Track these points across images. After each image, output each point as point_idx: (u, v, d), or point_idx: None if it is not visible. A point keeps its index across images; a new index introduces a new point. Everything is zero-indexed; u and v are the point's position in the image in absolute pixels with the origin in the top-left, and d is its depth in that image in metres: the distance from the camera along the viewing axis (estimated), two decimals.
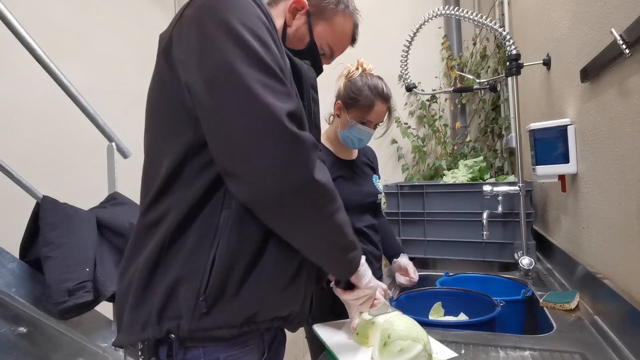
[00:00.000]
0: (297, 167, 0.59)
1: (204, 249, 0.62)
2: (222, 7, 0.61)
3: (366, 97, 1.25)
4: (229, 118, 0.58)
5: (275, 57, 0.62)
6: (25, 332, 1.17)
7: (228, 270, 0.62)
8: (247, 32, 0.60)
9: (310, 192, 0.61)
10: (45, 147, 1.96)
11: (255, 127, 0.57)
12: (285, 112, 0.58)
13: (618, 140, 0.86)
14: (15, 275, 1.18)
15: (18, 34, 1.19)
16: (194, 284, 0.61)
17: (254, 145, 0.57)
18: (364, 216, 1.36)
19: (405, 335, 0.73)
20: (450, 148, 2.41)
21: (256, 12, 0.63)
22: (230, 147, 0.59)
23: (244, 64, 0.58)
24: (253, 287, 0.63)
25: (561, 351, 0.82)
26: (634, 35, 0.72)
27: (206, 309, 0.60)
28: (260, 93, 0.57)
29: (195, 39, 0.61)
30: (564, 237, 1.34)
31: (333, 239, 0.69)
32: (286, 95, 0.60)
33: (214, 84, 0.59)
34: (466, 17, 1.47)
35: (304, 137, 0.59)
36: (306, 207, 0.62)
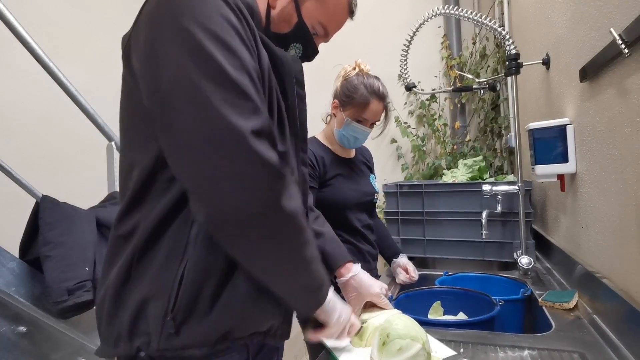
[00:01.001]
0: (260, 191, 0.53)
1: (172, 266, 0.59)
2: (181, 6, 0.55)
3: (362, 95, 1.25)
4: (187, 137, 0.53)
5: (243, 63, 0.56)
6: (25, 331, 1.17)
7: (197, 288, 0.58)
8: (208, 37, 0.53)
9: (273, 221, 0.56)
10: (45, 147, 1.96)
11: (215, 147, 0.52)
12: (249, 130, 0.53)
13: (617, 140, 0.86)
14: (15, 274, 1.18)
15: (18, 34, 1.19)
16: (162, 302, 0.58)
17: (215, 166, 0.52)
18: (362, 215, 1.37)
19: (404, 334, 0.74)
20: (450, 147, 2.41)
21: (221, 9, 0.56)
22: (190, 167, 0.54)
23: (202, 78, 0.52)
24: (226, 304, 0.60)
25: (560, 350, 0.82)
26: (633, 35, 0.72)
27: (174, 328, 0.57)
28: (221, 110, 0.52)
29: (150, 46, 0.56)
30: (563, 237, 1.34)
31: (295, 275, 0.63)
32: (251, 111, 0.54)
33: (169, 100, 0.54)
34: (466, 17, 1.47)
35: (270, 159, 0.54)
36: (267, 236, 0.57)
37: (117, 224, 0.64)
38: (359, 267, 0.98)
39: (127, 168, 0.65)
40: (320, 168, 1.29)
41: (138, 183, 0.61)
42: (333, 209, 1.30)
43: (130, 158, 0.64)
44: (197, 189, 0.55)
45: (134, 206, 0.63)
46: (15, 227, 1.30)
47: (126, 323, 0.59)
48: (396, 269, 1.40)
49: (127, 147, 0.66)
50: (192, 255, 0.59)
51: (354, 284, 0.95)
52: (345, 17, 0.80)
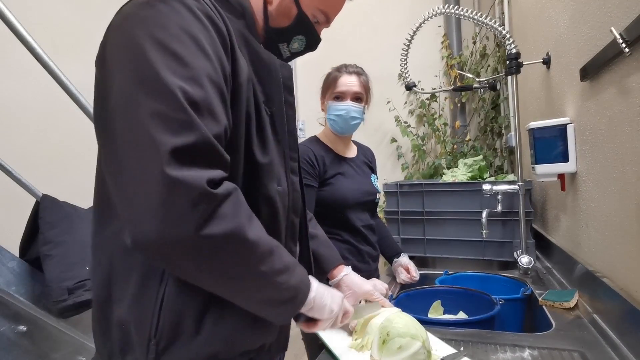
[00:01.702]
0: (176, 219, 0.47)
1: (151, 288, 0.56)
2: (137, 20, 0.53)
3: (331, 74, 1.32)
4: (117, 152, 0.51)
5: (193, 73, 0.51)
6: (25, 331, 1.17)
7: (180, 312, 0.56)
8: (155, 48, 0.51)
9: (201, 247, 0.50)
10: (45, 146, 1.96)
11: (137, 165, 0.49)
12: (170, 147, 0.47)
13: (617, 139, 0.86)
14: (15, 273, 1.18)
15: (17, 33, 1.19)
16: (144, 326, 0.56)
17: (135, 186, 0.49)
18: (362, 215, 1.36)
19: (404, 333, 0.74)
20: (450, 147, 2.41)
21: (181, 20, 0.53)
22: (117, 184, 0.52)
23: (139, 88, 0.50)
24: (212, 327, 0.58)
25: (560, 349, 0.82)
26: (633, 34, 0.71)
27: (156, 354, 0.56)
28: (147, 123, 0.48)
29: (107, 55, 0.55)
30: (563, 236, 1.35)
31: (257, 291, 0.58)
32: (182, 125, 0.48)
33: (111, 110, 0.53)
34: (466, 16, 1.47)
35: (188, 182, 0.47)
36: (200, 262, 0.52)
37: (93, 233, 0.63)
38: (350, 268, 1.00)
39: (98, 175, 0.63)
40: (320, 167, 1.29)
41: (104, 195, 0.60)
42: (333, 208, 1.30)
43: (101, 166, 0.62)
44: (122, 208, 0.52)
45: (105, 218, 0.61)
46: (15, 227, 1.30)
47: (116, 340, 0.59)
48: (397, 269, 1.40)
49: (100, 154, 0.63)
50: (172, 277, 0.57)
51: (347, 282, 0.97)
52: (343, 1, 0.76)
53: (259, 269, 0.56)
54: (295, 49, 0.75)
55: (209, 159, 0.51)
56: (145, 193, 0.48)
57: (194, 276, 0.55)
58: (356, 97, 1.30)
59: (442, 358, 0.78)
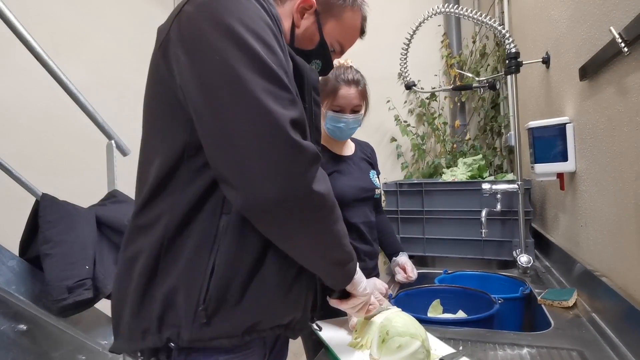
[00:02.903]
0: (296, 177, 0.56)
1: (202, 257, 0.60)
2: (223, 8, 0.58)
3: (330, 84, 1.28)
4: (228, 124, 0.56)
5: (280, 61, 0.60)
6: (25, 330, 1.17)
7: (228, 279, 0.60)
8: (250, 34, 0.57)
9: (308, 204, 0.59)
10: (45, 145, 1.96)
11: (256, 134, 0.55)
12: (289, 119, 0.56)
13: (616, 139, 0.86)
14: (15, 272, 1.18)
15: (17, 32, 1.19)
16: (193, 293, 0.59)
17: (254, 152, 0.55)
18: (360, 211, 1.35)
19: (404, 332, 0.74)
20: (450, 146, 2.41)
21: (259, 13, 0.61)
22: (228, 153, 0.57)
23: (246, 69, 0.56)
24: (255, 296, 0.62)
25: (559, 348, 0.83)
26: (632, 33, 0.72)
27: (206, 318, 0.59)
28: (263, 99, 0.55)
29: (194, 40, 0.59)
30: (562, 235, 1.35)
31: (329, 251, 0.67)
32: (290, 102, 0.58)
33: (213, 89, 0.57)
34: (466, 15, 1.47)
35: (306, 147, 0.57)
36: (303, 218, 0.60)
37: (137, 214, 0.65)
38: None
39: (149, 157, 0.66)
40: None
41: (162, 172, 0.62)
42: None
43: (154, 147, 0.65)
44: (236, 175, 0.56)
45: (156, 196, 0.63)
46: (15, 226, 1.30)
47: (156, 315, 0.60)
48: (395, 268, 1.40)
49: (151, 135, 0.67)
50: (222, 246, 0.60)
51: None
52: (357, 36, 0.88)
53: (336, 227, 0.66)
54: None
55: (306, 131, 0.61)
56: (270, 154, 0.55)
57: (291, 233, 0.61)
58: (355, 109, 1.31)
59: (441, 357, 0.78)
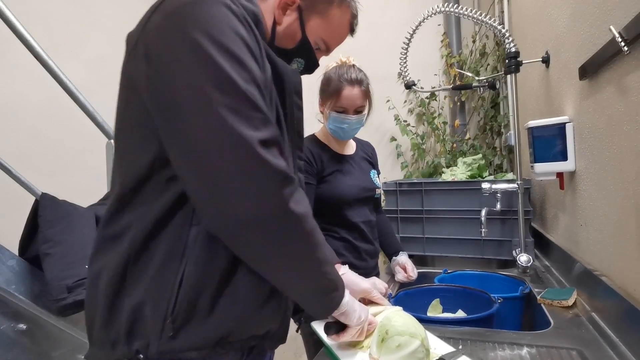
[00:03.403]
0: (269, 195, 0.55)
1: (171, 269, 0.58)
2: (190, 18, 0.55)
3: (333, 84, 1.27)
4: (196, 147, 0.54)
5: (252, 75, 0.57)
6: (24, 329, 1.17)
7: (197, 291, 0.58)
8: (217, 50, 0.54)
9: (283, 224, 0.57)
10: (44, 145, 1.96)
11: (225, 157, 0.53)
12: (258, 140, 0.54)
13: (616, 138, 0.86)
14: (15, 272, 1.18)
15: (17, 32, 1.19)
16: (161, 305, 0.58)
17: (223, 173, 0.53)
18: (361, 211, 1.36)
19: (403, 331, 0.74)
20: (450, 146, 2.41)
21: (230, 21, 0.57)
22: (196, 174, 0.55)
23: (213, 89, 0.53)
24: (226, 307, 0.60)
25: (558, 347, 0.83)
26: (632, 32, 0.72)
27: (173, 331, 0.57)
28: (230, 121, 0.53)
29: (161, 55, 0.56)
30: (562, 235, 1.35)
31: (307, 278, 0.64)
32: (260, 121, 0.56)
33: (179, 110, 0.54)
34: (465, 15, 1.47)
35: (279, 167, 0.55)
36: (276, 240, 0.58)
37: (107, 223, 0.63)
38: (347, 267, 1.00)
39: (120, 166, 0.64)
40: (317, 165, 1.30)
41: (132, 182, 0.61)
42: (331, 205, 1.30)
43: (125, 156, 0.64)
44: (208, 196, 0.55)
45: (125, 206, 0.62)
46: (14, 225, 1.30)
47: (124, 326, 0.59)
48: (395, 267, 1.40)
49: (122, 144, 0.65)
50: (192, 257, 0.59)
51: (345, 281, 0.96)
52: (346, 34, 0.84)
53: (315, 255, 0.63)
54: None
55: (281, 150, 0.59)
56: (241, 175, 0.53)
57: (264, 255, 0.59)
58: (358, 110, 1.30)
59: (440, 356, 0.78)
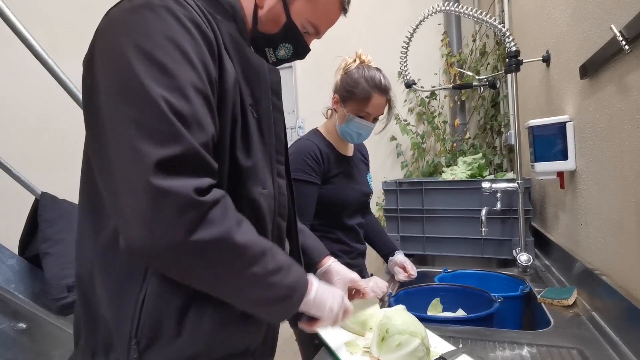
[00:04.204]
0: (164, 226, 0.49)
1: (132, 288, 0.57)
2: (125, 26, 0.53)
3: (363, 89, 1.21)
4: (108, 160, 0.52)
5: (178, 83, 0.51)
6: (24, 328, 1.17)
7: (160, 312, 0.57)
8: (139, 57, 0.51)
9: (187, 254, 0.51)
10: (44, 144, 1.95)
11: (124, 175, 0.50)
12: (156, 159, 0.48)
13: (617, 137, 0.86)
14: (15, 271, 1.18)
15: (17, 31, 1.19)
16: (124, 325, 0.56)
17: (124, 195, 0.50)
18: (356, 214, 1.39)
19: (403, 330, 0.74)
20: (450, 145, 2.41)
21: (165, 28, 0.53)
22: (108, 192, 0.54)
23: (120, 97, 0.51)
24: (192, 328, 0.58)
25: (558, 347, 0.82)
26: (633, 31, 0.71)
27: (138, 353, 0.56)
28: (133, 135, 0.49)
29: (92, 61, 0.56)
30: (562, 234, 1.35)
31: (251, 292, 0.59)
32: (167, 137, 0.49)
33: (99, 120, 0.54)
34: (466, 14, 1.47)
35: (175, 191, 0.49)
36: (189, 267, 0.53)
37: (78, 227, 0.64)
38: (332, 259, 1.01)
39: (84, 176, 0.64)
40: (324, 165, 1.27)
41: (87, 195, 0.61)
42: (331, 208, 1.29)
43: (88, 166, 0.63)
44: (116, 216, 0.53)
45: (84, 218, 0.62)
46: (14, 224, 1.30)
47: (100, 339, 0.59)
48: (394, 268, 1.40)
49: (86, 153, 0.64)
50: (153, 277, 0.57)
51: (335, 269, 0.98)
52: (337, 14, 0.76)
53: (250, 270, 0.57)
54: (282, 56, 0.75)
55: (196, 168, 0.52)
56: (133, 202, 0.49)
57: (186, 278, 0.56)
58: (378, 117, 1.29)
59: (441, 355, 0.78)
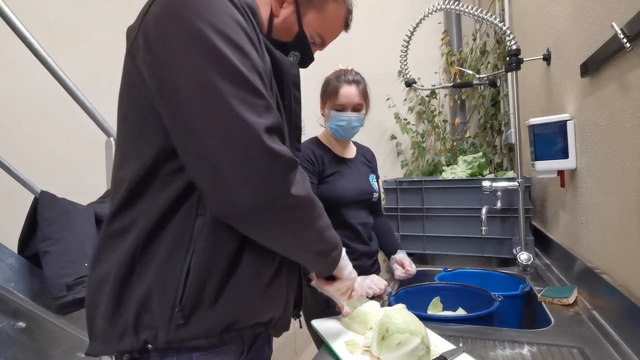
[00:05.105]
0: (273, 184, 0.57)
1: (177, 259, 0.60)
2: (191, 8, 0.56)
3: (332, 85, 1.34)
4: (202, 135, 0.55)
5: (253, 63, 0.58)
6: (24, 327, 1.17)
7: (204, 280, 0.60)
8: (220, 38, 0.55)
9: (286, 208, 0.60)
10: (43, 142, 1.95)
11: (231, 144, 0.55)
12: (264, 127, 0.56)
13: (617, 135, 0.86)
14: (14, 270, 1.18)
15: (16, 29, 1.18)
16: (169, 295, 0.59)
17: (229, 162, 0.55)
18: (358, 212, 1.39)
19: (403, 329, 0.74)
20: (450, 144, 2.41)
21: (230, 11, 0.58)
22: (203, 163, 0.56)
23: (216, 76, 0.54)
24: (231, 295, 0.62)
25: (559, 345, 0.82)
26: (635, 29, 0.71)
27: (182, 319, 0.59)
28: (236, 108, 0.54)
29: (161, 46, 0.57)
30: (563, 233, 1.34)
31: (312, 245, 0.69)
32: (264, 108, 0.57)
33: (184, 99, 0.55)
34: (466, 12, 1.46)
35: (283, 153, 0.57)
36: (282, 221, 0.61)
37: (112, 219, 0.64)
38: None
39: (124, 161, 0.65)
40: (319, 165, 1.34)
41: (137, 177, 0.61)
42: (330, 205, 1.31)
43: (129, 151, 0.64)
44: (213, 184, 0.57)
45: (132, 201, 0.62)
46: (13, 223, 1.30)
47: (132, 316, 0.60)
48: (393, 265, 1.42)
49: (125, 140, 0.66)
50: (198, 248, 0.60)
51: None
52: (340, 29, 0.84)
53: (317, 223, 0.68)
54: None
55: (281, 135, 0.61)
56: (247, 163, 0.55)
57: (273, 234, 0.63)
58: (357, 108, 1.34)
59: (441, 354, 0.78)
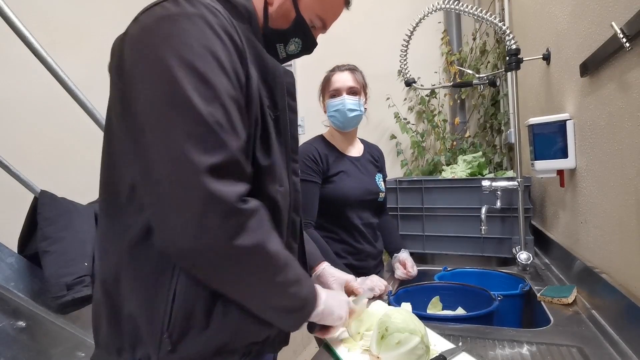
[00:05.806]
0: (209, 231, 0.53)
1: (162, 285, 0.59)
2: (161, 35, 0.55)
3: (325, 77, 1.39)
4: (153, 165, 0.54)
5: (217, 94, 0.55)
6: (24, 326, 1.17)
7: (191, 304, 0.59)
8: (182, 68, 0.54)
9: (228, 259, 0.56)
10: (43, 142, 1.95)
11: (174, 181, 0.53)
12: (207, 166, 0.52)
13: (617, 135, 0.86)
14: (14, 269, 1.18)
15: (16, 28, 1.19)
16: (156, 320, 0.58)
17: (170, 199, 0.53)
18: (363, 213, 1.38)
19: (403, 328, 0.74)
20: (449, 143, 2.41)
21: (203, 38, 0.56)
22: (150, 195, 0.55)
23: (169, 110, 0.53)
24: (220, 319, 0.61)
25: (558, 345, 0.82)
26: (634, 28, 0.71)
27: (171, 345, 0.58)
28: (180, 143, 0.52)
29: (130, 69, 0.57)
30: (562, 232, 1.35)
31: (270, 300, 0.63)
32: (214, 145, 0.54)
33: (140, 126, 0.55)
34: (466, 12, 1.46)
35: (224, 198, 0.53)
36: (231, 271, 0.57)
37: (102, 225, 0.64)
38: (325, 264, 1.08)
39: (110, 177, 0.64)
40: (323, 164, 1.33)
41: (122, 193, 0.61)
42: (334, 205, 1.31)
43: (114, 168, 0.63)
44: (156, 218, 0.56)
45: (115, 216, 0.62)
46: (13, 222, 1.30)
47: (127, 335, 0.60)
48: (395, 264, 1.41)
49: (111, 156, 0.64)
50: (182, 271, 0.59)
51: (329, 272, 1.05)
52: (341, 8, 0.80)
53: (275, 279, 0.61)
54: (292, 51, 0.79)
55: (237, 174, 0.57)
56: (183, 205, 0.52)
57: (217, 282, 0.59)
58: (351, 91, 1.34)
59: (440, 353, 0.78)
